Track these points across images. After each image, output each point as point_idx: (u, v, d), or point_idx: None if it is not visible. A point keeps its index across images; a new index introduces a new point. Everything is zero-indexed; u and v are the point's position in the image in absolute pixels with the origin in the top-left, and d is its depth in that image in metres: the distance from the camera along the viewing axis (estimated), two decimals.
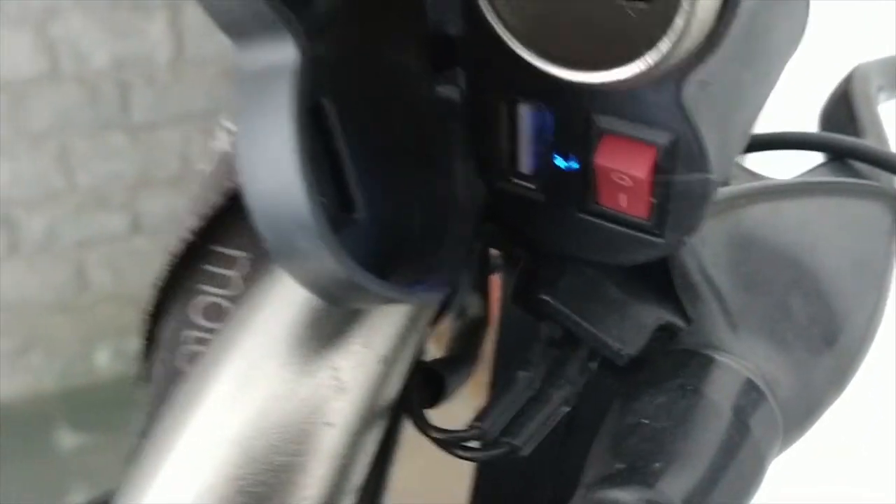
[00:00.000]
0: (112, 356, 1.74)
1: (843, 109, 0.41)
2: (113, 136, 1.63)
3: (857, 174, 0.37)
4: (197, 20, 1.59)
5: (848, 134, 0.39)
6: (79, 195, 1.64)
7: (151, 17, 1.57)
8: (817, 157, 0.39)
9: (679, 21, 0.17)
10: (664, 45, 0.18)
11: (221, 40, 0.18)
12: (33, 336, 1.70)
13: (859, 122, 0.40)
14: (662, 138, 0.21)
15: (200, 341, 0.25)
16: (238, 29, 0.17)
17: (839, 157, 0.38)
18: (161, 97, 1.63)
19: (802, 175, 0.37)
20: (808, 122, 0.43)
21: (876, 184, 0.34)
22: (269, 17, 0.17)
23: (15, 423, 1.64)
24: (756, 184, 0.33)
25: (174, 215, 1.69)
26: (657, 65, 0.18)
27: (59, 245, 1.66)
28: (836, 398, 0.29)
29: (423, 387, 0.26)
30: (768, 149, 0.39)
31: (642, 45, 0.18)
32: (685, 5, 0.17)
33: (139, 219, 1.70)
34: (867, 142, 0.37)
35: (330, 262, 0.18)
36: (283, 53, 0.17)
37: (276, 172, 0.17)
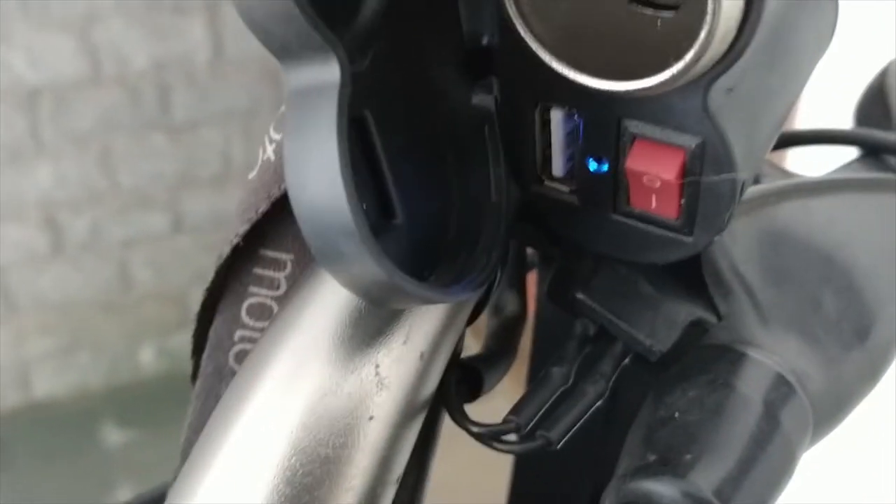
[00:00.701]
0: (156, 353, 1.76)
1: (878, 104, 0.41)
2: (154, 137, 1.65)
3: (891, 169, 0.37)
4: (235, 20, 1.59)
5: (883, 129, 0.39)
6: (122, 195, 1.67)
7: (190, 19, 1.59)
8: (853, 152, 0.39)
9: (703, 33, 0.18)
10: (689, 56, 0.18)
11: None
12: (79, 335, 1.73)
13: (894, 117, 0.40)
14: (690, 142, 0.22)
15: (248, 340, 0.27)
16: (287, 52, 0.18)
17: (873, 152, 0.38)
18: (201, 97, 1.65)
19: (835, 171, 0.38)
20: (843, 118, 0.43)
21: None
22: (315, 41, 0.18)
23: (62, 421, 1.67)
24: (787, 181, 0.33)
25: (216, 214, 1.71)
26: (682, 74, 0.19)
27: (102, 245, 1.69)
28: (868, 392, 0.30)
29: (461, 382, 0.27)
30: (803, 145, 0.39)
31: (668, 55, 0.19)
32: (709, 17, 0.18)
33: (181, 218, 1.72)
34: None
35: (371, 266, 0.19)
36: (327, 73, 0.18)
37: (321, 183, 0.18)
